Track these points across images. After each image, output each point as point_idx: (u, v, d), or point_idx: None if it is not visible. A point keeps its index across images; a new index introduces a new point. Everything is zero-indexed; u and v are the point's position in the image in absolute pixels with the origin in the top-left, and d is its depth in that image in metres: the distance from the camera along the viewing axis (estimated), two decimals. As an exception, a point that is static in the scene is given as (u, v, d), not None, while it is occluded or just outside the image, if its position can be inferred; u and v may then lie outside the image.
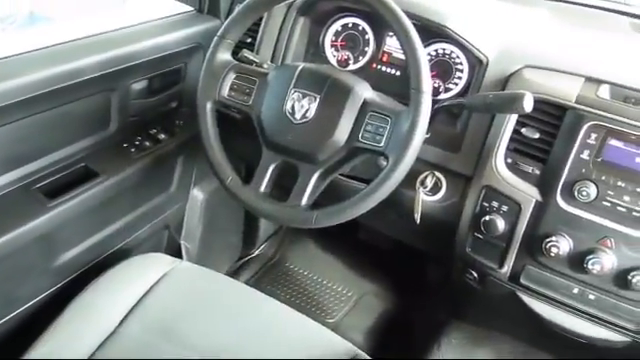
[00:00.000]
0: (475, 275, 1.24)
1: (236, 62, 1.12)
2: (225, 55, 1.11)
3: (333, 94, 1.03)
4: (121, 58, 1.21)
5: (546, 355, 1.50)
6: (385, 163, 1.00)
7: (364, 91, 1.04)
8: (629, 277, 1.02)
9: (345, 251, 1.95)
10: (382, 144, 1.00)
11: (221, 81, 1.10)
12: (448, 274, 1.37)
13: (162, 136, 1.37)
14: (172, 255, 1.28)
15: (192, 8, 1.43)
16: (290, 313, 1.16)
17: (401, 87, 1.01)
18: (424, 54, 0.99)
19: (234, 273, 1.86)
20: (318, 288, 1.85)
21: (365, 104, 1.03)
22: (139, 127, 1.35)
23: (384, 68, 1.31)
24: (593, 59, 1.12)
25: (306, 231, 1.98)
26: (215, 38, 1.11)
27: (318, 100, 1.03)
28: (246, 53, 1.19)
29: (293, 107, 1.04)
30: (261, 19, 1.32)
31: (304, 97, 1.04)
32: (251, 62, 1.18)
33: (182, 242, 1.61)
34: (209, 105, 1.11)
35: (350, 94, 1.03)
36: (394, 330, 1.72)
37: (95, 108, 1.24)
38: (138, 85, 1.31)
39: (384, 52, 1.31)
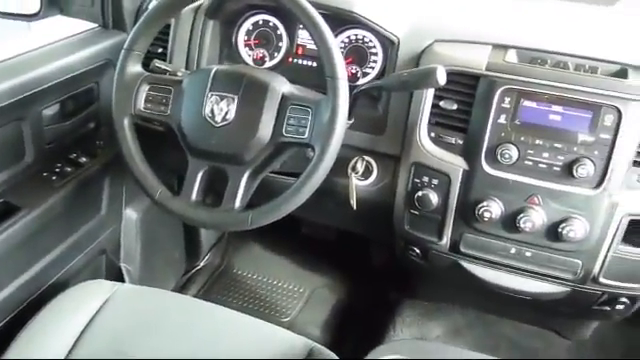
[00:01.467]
0: (417, 251, 1.27)
1: (148, 73, 1.10)
2: (135, 67, 1.09)
3: (251, 93, 1.02)
4: (27, 84, 1.15)
5: (496, 317, 1.55)
6: (312, 154, 1.00)
7: (281, 85, 1.04)
8: (559, 230, 1.06)
9: (291, 249, 1.94)
10: (306, 136, 1.00)
11: (135, 94, 1.07)
12: (392, 254, 1.39)
13: (83, 159, 1.32)
14: (113, 280, 1.24)
15: (96, 25, 1.38)
16: (242, 318, 1.15)
17: (319, 77, 1.02)
18: (334, 42, 0.99)
19: (182, 288, 1.82)
20: (269, 289, 1.84)
21: (284, 98, 1.02)
22: (57, 153, 1.30)
23: (300, 61, 1.31)
24: (498, 26, 1.16)
25: (249, 235, 1.96)
26: (122, 51, 1.08)
27: (236, 101, 1.02)
28: (157, 63, 1.16)
29: (212, 111, 1.03)
30: (169, 27, 1.29)
31: (222, 99, 1.03)
32: (164, 71, 1.15)
33: (122, 265, 1.56)
34: (126, 120, 1.08)
35: (268, 90, 1.02)
36: (349, 318, 1.73)
37: (6, 140, 1.18)
38: (50, 110, 1.26)
39: (298, 45, 1.31)
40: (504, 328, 1.57)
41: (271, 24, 1.31)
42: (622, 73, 1.04)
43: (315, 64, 1.30)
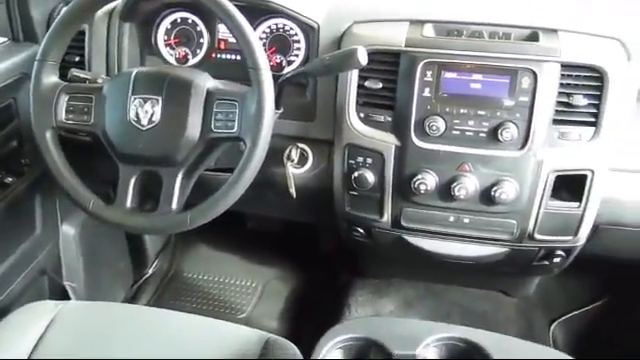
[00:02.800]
0: (361, 231, 1.29)
1: (66, 83, 1.07)
2: (51, 78, 1.05)
3: (174, 92, 1.01)
4: None
5: (445, 286, 1.60)
6: (245, 147, 1.00)
7: (205, 82, 1.03)
8: (492, 193, 1.10)
9: (239, 245, 1.93)
10: (235, 129, 0.99)
11: (54, 106, 1.04)
12: (338, 237, 1.40)
13: (9, 179, 1.27)
14: (59, 299, 1.20)
15: (6, 39, 1.33)
16: (196, 320, 1.14)
17: (244, 71, 1.01)
18: (252, 33, 0.99)
19: (132, 299, 1.79)
20: (222, 288, 1.83)
21: (209, 94, 1.02)
22: (-19, 177, 1.25)
23: (224, 55, 1.30)
24: (413, 3, 1.19)
25: (196, 236, 1.94)
26: (35, 63, 1.04)
27: (161, 102, 1.01)
28: (75, 72, 1.13)
29: (137, 114, 1.01)
30: (84, 34, 1.26)
31: (146, 102, 1.01)
32: (83, 80, 1.12)
33: (65, 283, 1.52)
34: (48, 134, 1.04)
35: (192, 88, 1.01)
36: (305, 306, 1.74)
37: None
38: (-34, 132, 1.21)
39: (220, 40, 1.30)
40: (453, 295, 1.62)
41: (190, 21, 1.29)
42: (534, 36, 1.09)
43: (239, 57, 1.29)
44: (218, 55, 1.30)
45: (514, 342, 0.97)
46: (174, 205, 1.02)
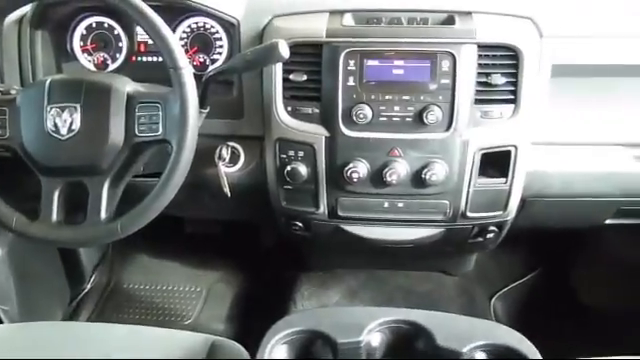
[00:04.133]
0: (299, 224, 1.29)
1: None
2: None
3: (93, 99, 0.98)
4: None
5: (387, 272, 1.62)
6: (171, 149, 0.98)
7: (125, 85, 1.00)
8: (422, 176, 1.12)
9: (179, 251, 1.89)
10: (160, 132, 0.97)
11: None
12: (279, 233, 1.40)
13: None
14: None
15: None
16: (138, 330, 1.11)
17: (166, 72, 0.99)
18: (169, 32, 0.97)
19: (71, 316, 1.72)
20: (165, 296, 1.79)
21: (130, 98, 0.99)
22: None
23: (145, 58, 1.27)
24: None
25: (134, 246, 1.89)
26: None
27: (79, 109, 0.97)
28: None
29: (55, 124, 0.97)
30: (-7, 44, 1.20)
31: (63, 110, 0.97)
32: None
33: (-3, 307, 1.45)
34: None
35: (111, 92, 0.98)
36: (251, 306, 1.73)
37: None
38: None
39: (140, 42, 1.27)
40: (396, 280, 1.65)
41: (106, 25, 1.26)
42: (450, 20, 1.11)
43: (161, 59, 1.26)
44: (139, 58, 1.27)
45: (454, 318, 0.99)
46: (103, 215, 0.99)
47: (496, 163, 1.15)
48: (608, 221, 1.36)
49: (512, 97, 1.11)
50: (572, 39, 1.12)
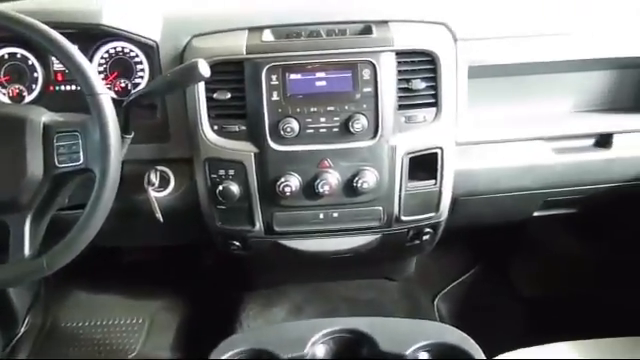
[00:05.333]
0: (237, 243, 1.27)
1: None
2: None
3: (6, 132, 0.94)
4: None
5: (331, 284, 1.62)
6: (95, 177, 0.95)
7: (40, 116, 0.97)
8: (354, 184, 1.13)
9: (118, 283, 1.84)
10: (81, 161, 0.95)
11: None
12: (218, 253, 1.38)
13: None
14: None
15: None
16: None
17: (85, 99, 0.96)
18: (82, 58, 0.95)
19: (8, 360, 1.64)
20: (107, 331, 1.73)
21: (47, 128, 0.96)
22: None
23: (63, 87, 1.23)
24: (250, 10, 1.19)
25: (68, 281, 1.82)
26: None
27: None
28: None
29: None
30: None
31: None
32: None
33: None
34: None
35: (26, 124, 0.95)
36: (196, 331, 1.69)
37: None
38: None
39: (56, 72, 1.22)
40: (340, 290, 1.65)
41: (19, 56, 1.21)
42: (367, 30, 1.13)
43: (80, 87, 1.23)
44: (57, 87, 1.23)
45: (396, 322, 1.01)
46: (26, 252, 0.95)
47: (424, 166, 1.17)
48: (536, 213, 1.42)
49: (433, 101, 1.13)
50: (484, 41, 1.16)
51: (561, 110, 1.30)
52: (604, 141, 1.26)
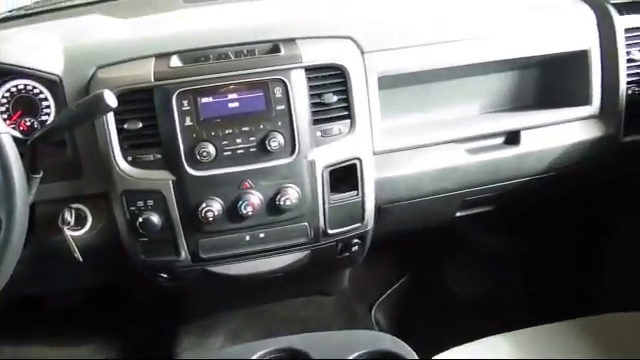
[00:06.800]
0: (165, 275, 1.24)
1: None
2: None
3: None
4: None
5: (266, 305, 1.61)
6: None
7: None
8: (277, 202, 1.13)
9: (43, 331, 1.73)
10: None
11: None
12: (146, 288, 1.34)
13: None
14: None
15: None
16: None
17: None
18: None
19: None
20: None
21: None
22: None
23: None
24: (155, 38, 1.17)
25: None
26: None
27: None
28: None
29: None
30: None
31: None
32: None
33: None
34: None
35: None
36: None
37: None
38: None
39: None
40: (276, 311, 1.64)
41: None
42: (276, 48, 1.14)
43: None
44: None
45: (330, 335, 1.01)
46: None
47: (345, 178, 1.18)
48: (458, 214, 1.46)
49: (347, 113, 1.15)
50: (391, 52, 1.20)
51: (471, 112, 1.36)
52: (513, 138, 1.32)
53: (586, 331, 1.09)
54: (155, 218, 1.11)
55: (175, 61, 1.12)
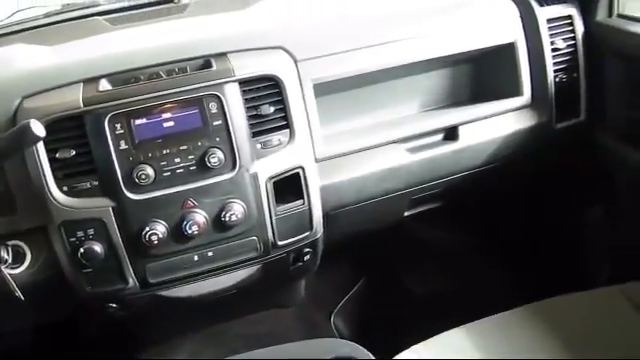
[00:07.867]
0: (114, 305, 1.20)
1: None
2: None
3: None
4: None
5: (224, 324, 1.58)
6: None
7: None
8: (223, 219, 1.12)
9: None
10: None
11: None
12: (96, 320, 1.29)
13: None
14: None
15: None
16: None
17: None
18: None
19: None
20: None
21: None
22: None
23: None
24: (80, 62, 1.13)
25: None
26: None
27: None
28: None
29: None
30: None
31: None
32: None
33: None
34: None
35: None
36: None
37: None
38: None
39: None
40: (235, 329, 1.60)
41: None
42: (207, 64, 1.13)
43: None
44: None
45: (288, 347, 0.99)
46: None
47: (290, 187, 1.18)
48: (407, 213, 1.48)
49: (285, 123, 1.15)
50: (323, 58, 1.20)
51: (410, 112, 1.38)
52: (451, 134, 1.35)
53: (537, 316, 1.12)
54: (98, 247, 1.08)
55: (104, 84, 1.09)
